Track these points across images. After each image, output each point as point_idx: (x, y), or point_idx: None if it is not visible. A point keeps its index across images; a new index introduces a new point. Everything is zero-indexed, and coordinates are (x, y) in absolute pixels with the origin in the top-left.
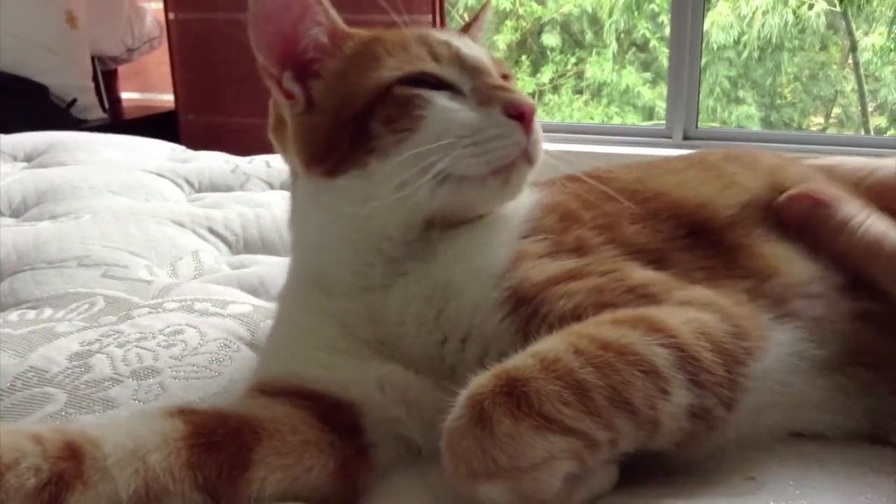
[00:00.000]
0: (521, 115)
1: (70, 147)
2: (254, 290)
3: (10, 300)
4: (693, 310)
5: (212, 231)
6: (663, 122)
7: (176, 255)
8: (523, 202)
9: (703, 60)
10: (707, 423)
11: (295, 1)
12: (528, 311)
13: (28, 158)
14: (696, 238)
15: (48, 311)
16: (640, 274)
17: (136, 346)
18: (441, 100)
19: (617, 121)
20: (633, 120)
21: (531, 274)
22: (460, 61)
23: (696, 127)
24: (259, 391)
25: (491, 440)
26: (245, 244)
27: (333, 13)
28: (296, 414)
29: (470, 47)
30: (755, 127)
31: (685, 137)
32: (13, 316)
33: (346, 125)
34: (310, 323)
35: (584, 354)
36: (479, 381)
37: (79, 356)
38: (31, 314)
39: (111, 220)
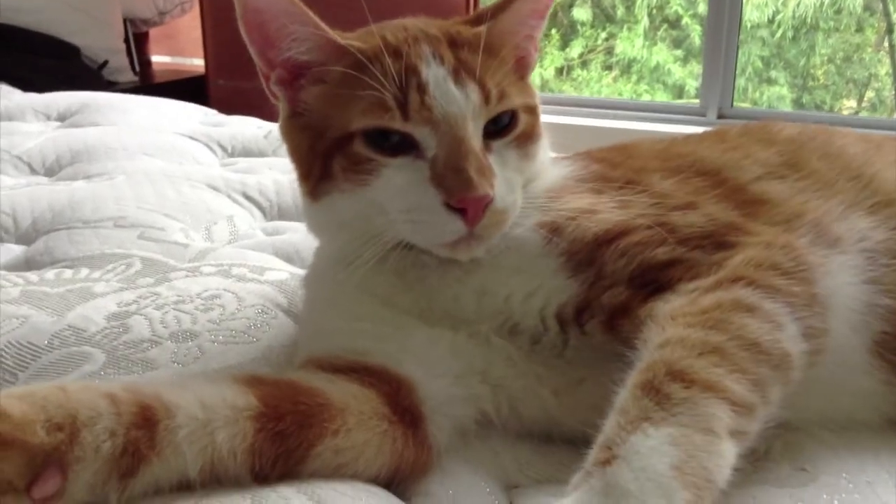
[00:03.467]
0: (464, 209)
1: (103, 107)
2: (289, 258)
3: (46, 258)
4: (746, 248)
5: (246, 196)
6: (695, 100)
7: (211, 219)
8: (550, 175)
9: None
10: (817, 341)
11: (281, 6)
12: (592, 274)
13: (61, 118)
14: (721, 191)
15: (85, 271)
16: (684, 221)
17: (174, 309)
18: (390, 171)
19: (647, 98)
20: (662, 98)
21: (577, 234)
22: (432, 118)
23: (731, 106)
24: (317, 367)
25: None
26: (279, 211)
27: (324, 26)
28: (362, 396)
29: (450, 94)
30: (786, 108)
31: (720, 116)
32: (49, 274)
33: (318, 154)
34: (347, 298)
35: (694, 326)
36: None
37: (117, 317)
38: (68, 273)
39: (145, 181)
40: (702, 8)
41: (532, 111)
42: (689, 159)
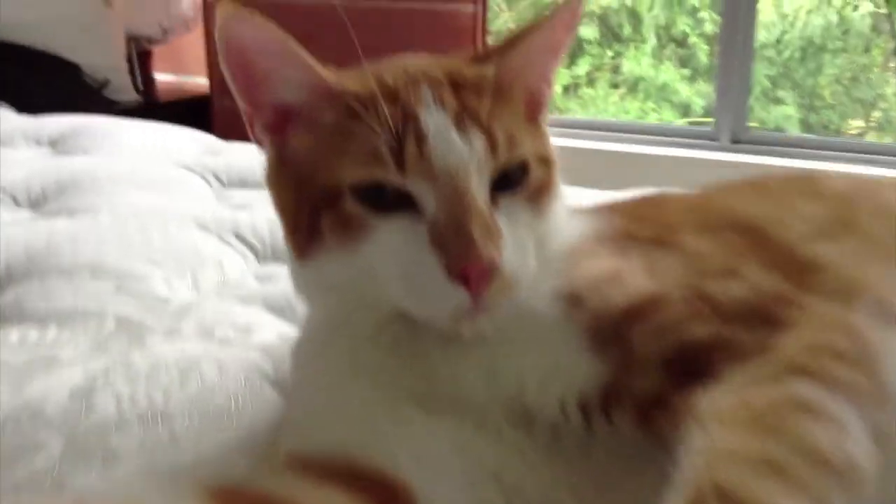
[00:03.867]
0: (466, 277)
1: (97, 133)
2: (280, 311)
3: (15, 312)
4: (799, 328)
5: (238, 236)
6: (702, 118)
7: (198, 264)
8: (569, 232)
9: None
10: (890, 444)
11: (269, 45)
12: (620, 354)
13: (53, 143)
14: (765, 253)
15: (52, 332)
16: (724, 291)
17: (147, 383)
18: (384, 232)
19: (653, 116)
20: (669, 116)
21: (601, 306)
22: (431, 171)
23: (745, 129)
24: (302, 468)
25: None
26: (273, 252)
27: (316, 67)
28: None
29: (452, 143)
30: (794, 128)
31: (733, 140)
32: (14, 336)
33: (306, 210)
34: (337, 378)
35: (744, 432)
36: None
37: (81, 393)
38: (34, 335)
39: (131, 220)
40: (708, 27)
41: (546, 161)
42: (726, 214)
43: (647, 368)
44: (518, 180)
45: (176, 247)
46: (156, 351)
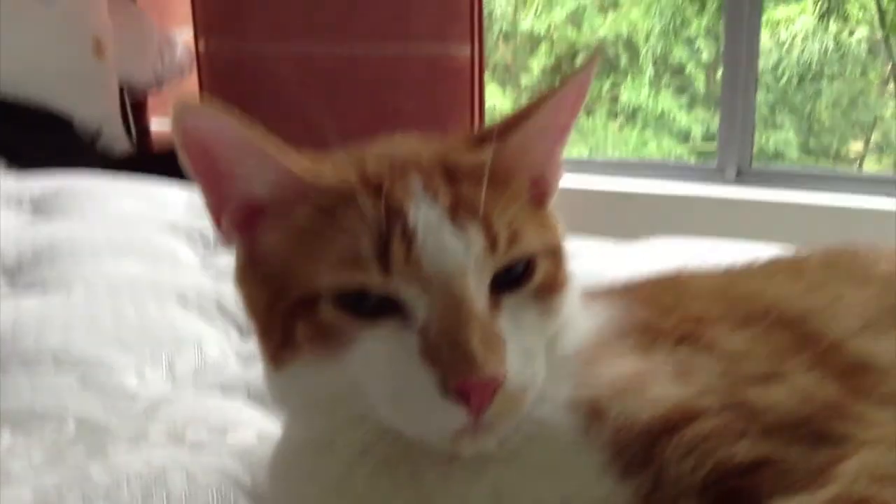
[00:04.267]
0: (466, 395)
1: (80, 195)
2: (262, 398)
3: None
4: (857, 447)
5: (220, 309)
6: (700, 146)
7: (175, 347)
8: (581, 327)
9: None
10: None
11: (229, 139)
12: (650, 478)
13: (35, 205)
14: (811, 352)
15: (6, 438)
16: (768, 400)
17: (105, 499)
18: (368, 343)
19: (652, 145)
20: (668, 145)
21: (624, 419)
22: (421, 274)
23: (750, 165)
24: None
25: None
26: None
27: (285, 158)
28: None
29: (445, 242)
30: (793, 153)
31: (738, 174)
32: None
33: (278, 315)
34: None
35: None
36: None
37: None
38: None
39: (105, 296)
40: (705, 56)
41: (554, 254)
42: (761, 303)
43: (683, 496)
44: (522, 275)
45: (152, 327)
46: (118, 461)
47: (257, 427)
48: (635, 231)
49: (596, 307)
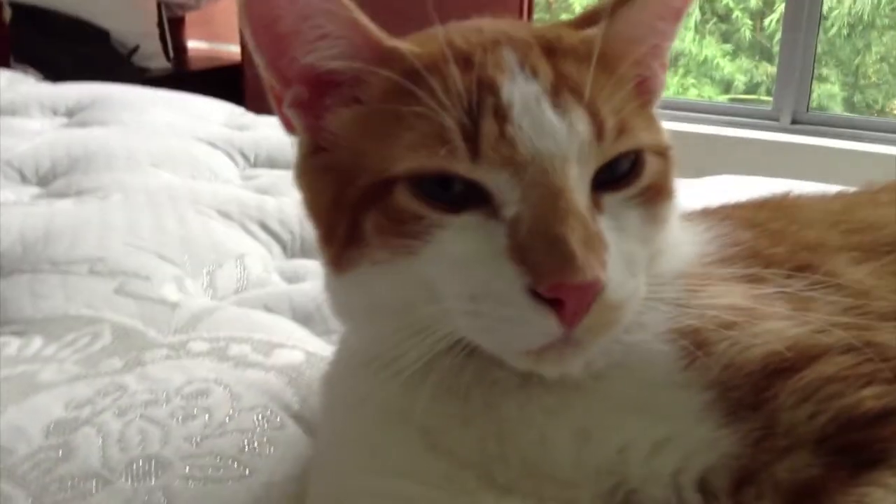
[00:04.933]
0: (560, 300)
1: (117, 104)
2: (308, 319)
3: None
4: None
5: (263, 227)
6: (744, 95)
7: (216, 260)
8: (682, 249)
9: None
10: None
11: None
12: (760, 424)
13: (69, 113)
14: None
15: (36, 343)
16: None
17: (142, 416)
18: (448, 235)
19: (692, 92)
20: (710, 92)
21: (733, 354)
22: (515, 159)
23: (807, 111)
24: None
25: None
26: (302, 245)
27: (364, 19)
28: None
29: (545, 123)
30: (837, 107)
31: (794, 121)
32: None
33: (345, 208)
34: (376, 431)
35: None
36: None
37: (60, 428)
38: (14, 346)
39: (144, 205)
40: (753, 2)
41: (664, 154)
42: (887, 232)
43: (797, 446)
44: (627, 175)
45: (192, 238)
46: (156, 373)
47: (304, 348)
48: (686, 173)
49: (695, 228)
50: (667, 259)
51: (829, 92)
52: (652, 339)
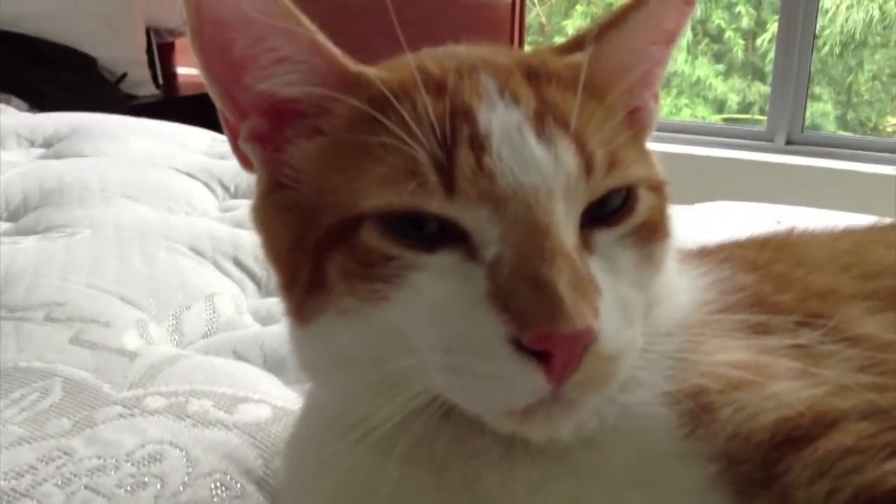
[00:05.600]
0: (547, 353)
1: (95, 134)
2: (280, 365)
3: None
4: None
5: (237, 263)
6: (737, 115)
7: (184, 302)
8: (679, 295)
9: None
10: None
11: (260, 13)
12: (771, 499)
13: (47, 144)
14: None
15: None
16: None
17: (87, 486)
18: (424, 277)
19: (686, 112)
20: (703, 112)
21: (740, 422)
22: (495, 193)
23: (801, 131)
24: None
25: None
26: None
27: (327, 44)
28: None
29: (528, 153)
30: (830, 126)
31: (788, 142)
32: None
33: (307, 252)
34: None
35: None
36: None
37: None
38: None
39: (112, 241)
40: (745, 22)
41: (658, 190)
42: None
43: None
44: (619, 211)
45: (160, 278)
46: (107, 433)
47: (272, 402)
48: (679, 196)
49: (693, 272)
50: (664, 307)
51: (822, 110)
52: (650, 400)
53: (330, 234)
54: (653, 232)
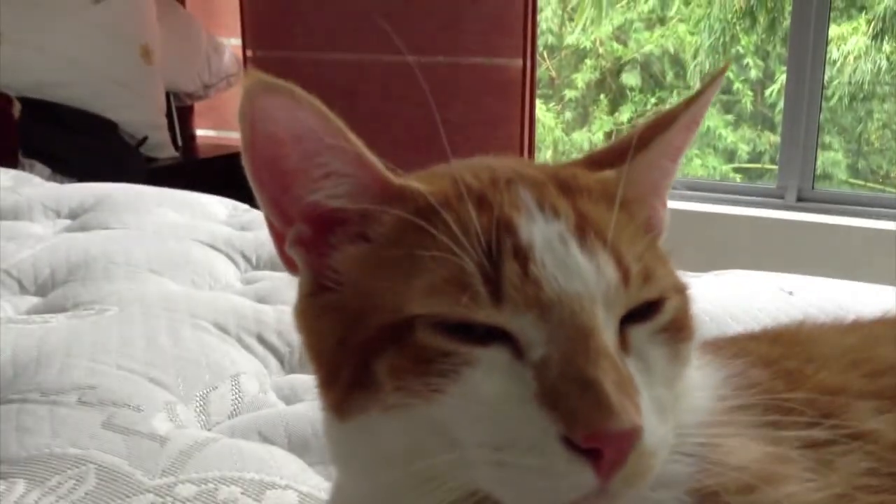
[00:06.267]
0: (596, 450)
1: (119, 205)
2: (304, 446)
3: None
4: None
5: (261, 339)
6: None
7: (210, 382)
8: (696, 393)
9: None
10: None
11: (311, 130)
12: None
13: (72, 215)
14: None
15: (19, 489)
16: None
17: None
18: (478, 375)
19: (696, 163)
20: (713, 163)
21: None
22: (540, 299)
23: (812, 188)
24: None
25: None
26: (301, 359)
27: (372, 158)
28: None
29: (572, 263)
30: (842, 174)
31: (799, 199)
32: None
33: (352, 350)
34: None
35: None
36: None
37: None
38: None
39: (139, 320)
40: (753, 73)
41: (681, 291)
42: None
43: None
44: (648, 311)
45: (187, 357)
46: None
47: (299, 485)
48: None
49: (707, 366)
50: (686, 404)
51: (832, 160)
52: (673, 500)
53: (379, 335)
54: (679, 331)
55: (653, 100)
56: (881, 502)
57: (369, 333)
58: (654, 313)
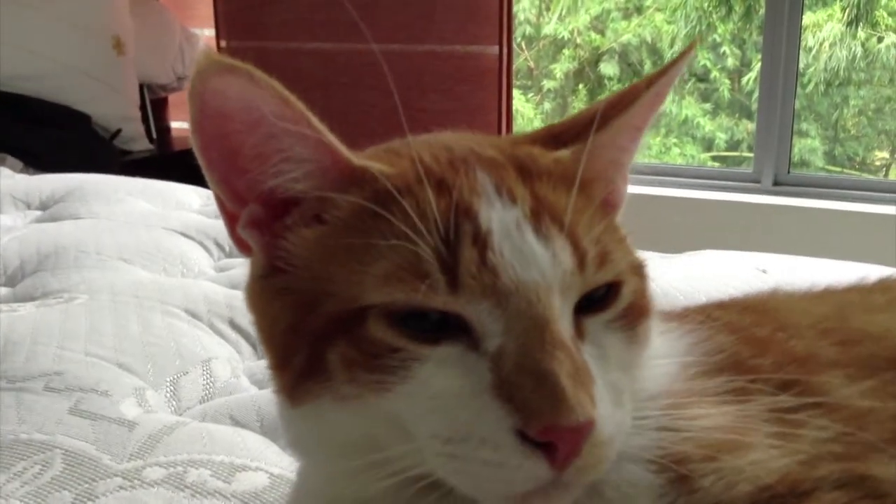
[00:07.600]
0: (551, 443)
1: (90, 195)
2: (276, 430)
3: None
4: None
5: (233, 325)
6: (726, 153)
7: (181, 367)
8: (660, 363)
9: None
10: None
11: (263, 109)
12: None
13: (43, 206)
14: None
15: None
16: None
17: None
18: (427, 371)
19: (675, 152)
20: (692, 151)
21: (718, 490)
22: (497, 288)
23: (788, 172)
24: None
25: None
26: None
27: (333, 141)
28: None
29: (528, 251)
30: (818, 161)
31: (775, 183)
32: None
33: (305, 336)
34: None
35: None
36: None
37: None
38: None
39: (108, 307)
40: (731, 62)
41: (638, 271)
42: (886, 344)
43: None
44: (604, 298)
45: (157, 343)
46: None
47: (270, 466)
48: (667, 239)
49: (672, 332)
50: (647, 376)
51: (810, 146)
52: (634, 467)
53: (331, 323)
54: (636, 314)
55: None
56: (845, 469)
57: (322, 320)
58: (611, 301)
